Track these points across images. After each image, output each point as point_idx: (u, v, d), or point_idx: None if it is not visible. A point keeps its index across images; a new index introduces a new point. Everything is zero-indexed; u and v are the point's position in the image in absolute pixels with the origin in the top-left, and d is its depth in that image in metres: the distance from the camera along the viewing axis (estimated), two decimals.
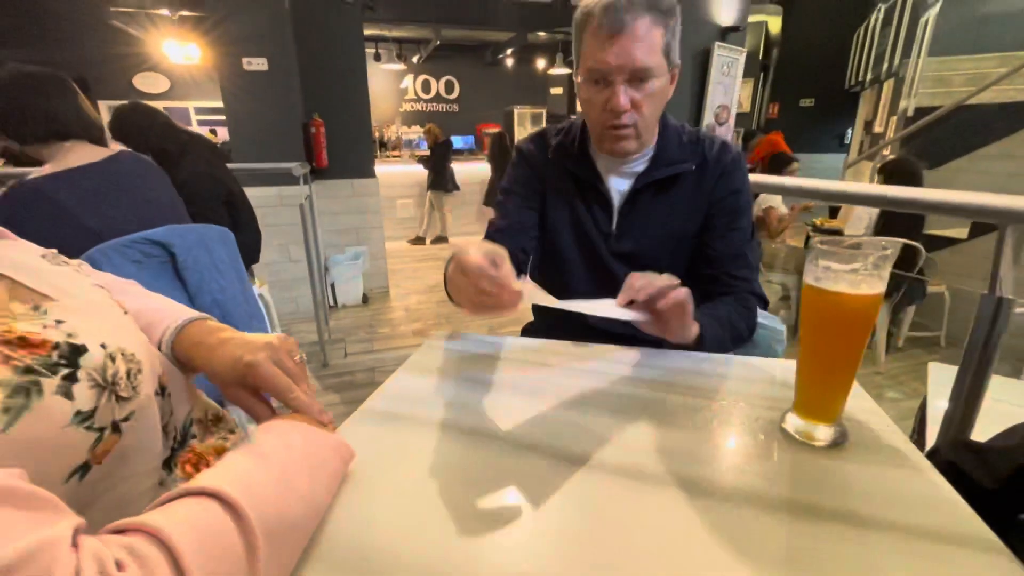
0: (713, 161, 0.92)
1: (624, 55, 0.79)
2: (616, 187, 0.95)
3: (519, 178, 1.01)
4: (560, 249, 0.98)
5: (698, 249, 0.94)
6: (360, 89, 3.86)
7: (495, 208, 1.02)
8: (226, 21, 3.13)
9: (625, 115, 0.83)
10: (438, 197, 6.13)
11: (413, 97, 8.77)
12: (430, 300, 4.11)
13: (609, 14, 0.78)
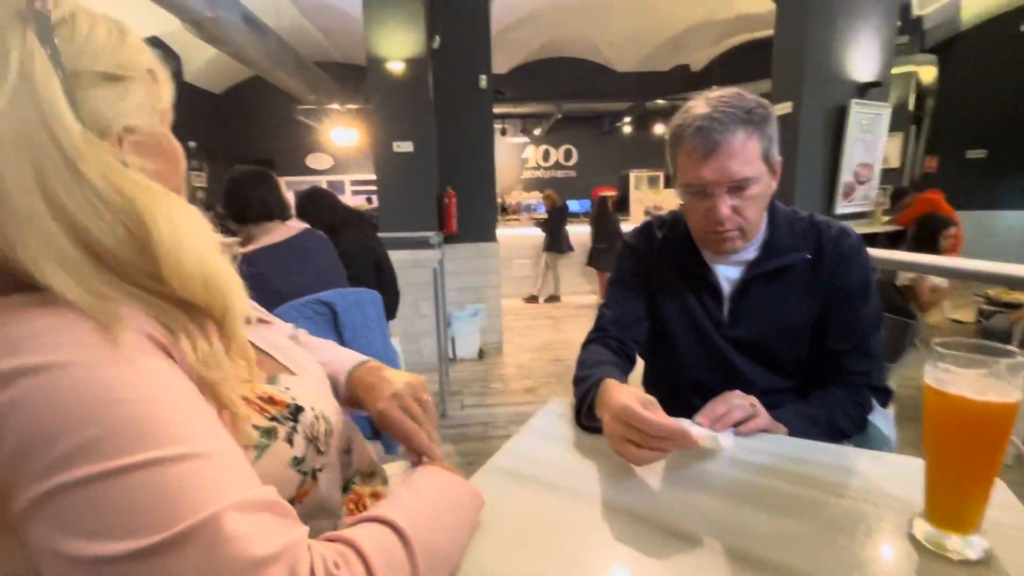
0: (830, 249, 0.90)
1: (721, 171, 0.82)
2: (725, 275, 0.96)
3: (628, 270, 1.05)
4: (672, 337, 1.00)
5: (815, 337, 0.92)
6: (487, 162, 4.28)
7: (606, 299, 1.06)
8: (382, 111, 3.73)
9: (727, 222, 0.85)
10: (553, 258, 6.37)
11: (534, 165, 9.38)
12: (541, 358, 4.21)
13: (701, 136, 0.82)
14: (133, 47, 0.46)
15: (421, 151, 3.73)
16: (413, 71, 3.60)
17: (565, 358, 4.18)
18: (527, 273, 6.64)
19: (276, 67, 6.10)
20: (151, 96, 0.47)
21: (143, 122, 0.45)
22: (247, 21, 5.17)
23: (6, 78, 0.35)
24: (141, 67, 0.46)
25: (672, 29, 7.47)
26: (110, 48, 0.43)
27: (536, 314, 5.87)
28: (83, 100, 0.39)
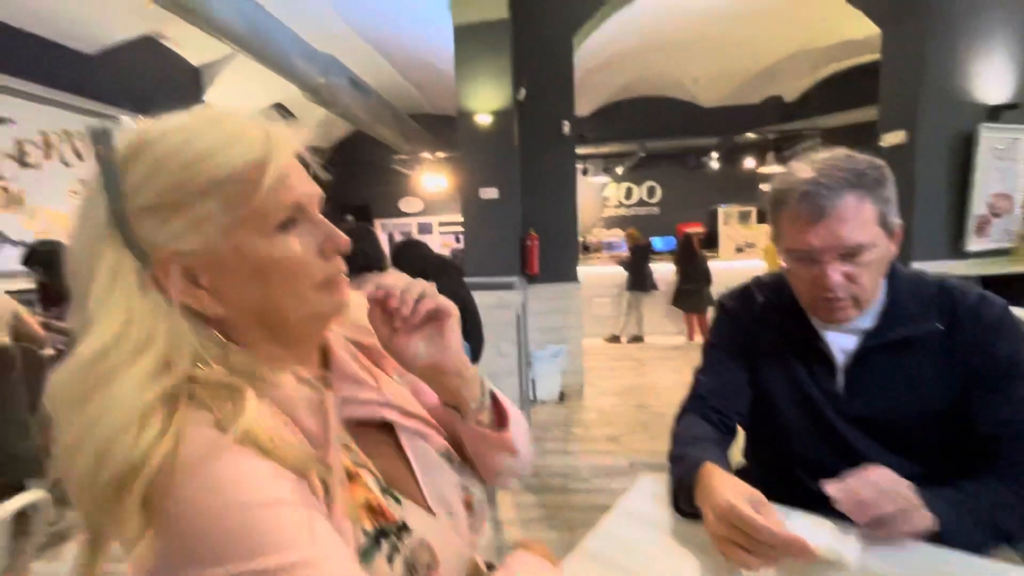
0: (969, 320, 0.79)
1: (829, 237, 0.75)
2: (838, 344, 0.86)
3: (726, 334, 0.98)
4: (779, 411, 0.91)
5: (956, 420, 0.79)
6: (569, 204, 4.32)
7: (702, 365, 0.99)
8: (469, 160, 3.93)
9: (838, 290, 0.78)
10: (636, 297, 6.20)
11: (615, 203, 9.31)
12: (624, 404, 4.04)
13: (807, 201, 0.76)
14: (203, 156, 0.42)
15: (505, 196, 3.85)
16: (499, 122, 3.77)
17: (650, 405, 3.98)
18: (608, 312, 6.51)
19: (376, 122, 6.69)
20: (228, 204, 0.42)
21: (199, 242, 0.42)
22: (353, 84, 5.76)
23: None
24: (212, 177, 0.42)
25: (763, 61, 7.20)
26: (166, 173, 0.42)
27: (618, 355, 5.69)
28: (137, 230, 0.41)
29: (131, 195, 0.41)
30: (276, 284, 0.45)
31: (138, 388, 0.38)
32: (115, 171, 0.41)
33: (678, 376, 4.79)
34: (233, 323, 0.46)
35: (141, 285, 0.41)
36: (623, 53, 6.54)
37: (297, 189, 0.46)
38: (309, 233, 0.48)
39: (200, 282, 0.44)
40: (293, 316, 0.47)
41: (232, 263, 0.44)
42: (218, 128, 0.43)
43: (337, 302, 0.50)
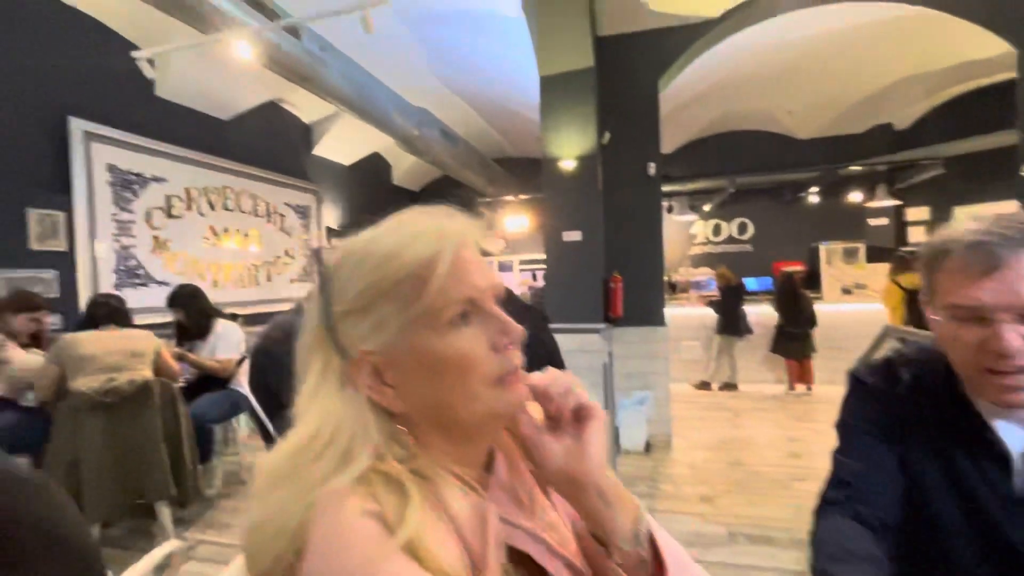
0: None
1: (1007, 293, 0.64)
2: (1012, 435, 0.72)
3: (868, 417, 0.83)
4: (936, 515, 0.76)
5: None
6: (655, 245, 4.21)
7: (842, 448, 0.85)
8: (553, 204, 3.98)
9: (1017, 357, 0.65)
10: (728, 341, 5.81)
11: (703, 240, 8.94)
12: (718, 459, 3.74)
13: (978, 251, 0.66)
14: (385, 259, 0.45)
15: (589, 239, 3.84)
16: (583, 166, 3.80)
17: (747, 462, 3.65)
18: (697, 356, 6.15)
19: (463, 167, 7.05)
20: (403, 303, 0.45)
21: (381, 342, 0.45)
22: (443, 134, 6.14)
23: None
24: (392, 279, 0.45)
25: (866, 89, 6.70)
26: (359, 278, 0.46)
27: (709, 403, 5.32)
28: (340, 332, 0.46)
29: (336, 300, 0.46)
30: (448, 381, 0.45)
31: (320, 480, 0.41)
32: (327, 281, 0.47)
33: (778, 430, 4.37)
34: (412, 420, 0.47)
35: (341, 383, 0.46)
36: (710, 89, 6.40)
37: (468, 283, 0.46)
38: (482, 326, 0.46)
39: (386, 379, 0.46)
40: (465, 414, 0.47)
41: (409, 361, 0.45)
42: (399, 230, 0.47)
43: (512, 400, 0.48)
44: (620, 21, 3.95)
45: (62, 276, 3.99)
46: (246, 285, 5.99)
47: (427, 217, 0.49)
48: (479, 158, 7.46)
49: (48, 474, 2.09)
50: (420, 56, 5.66)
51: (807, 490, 3.12)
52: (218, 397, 3.03)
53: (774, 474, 3.42)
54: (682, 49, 3.98)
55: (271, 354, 2.06)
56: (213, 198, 5.52)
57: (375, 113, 4.91)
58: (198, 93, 5.21)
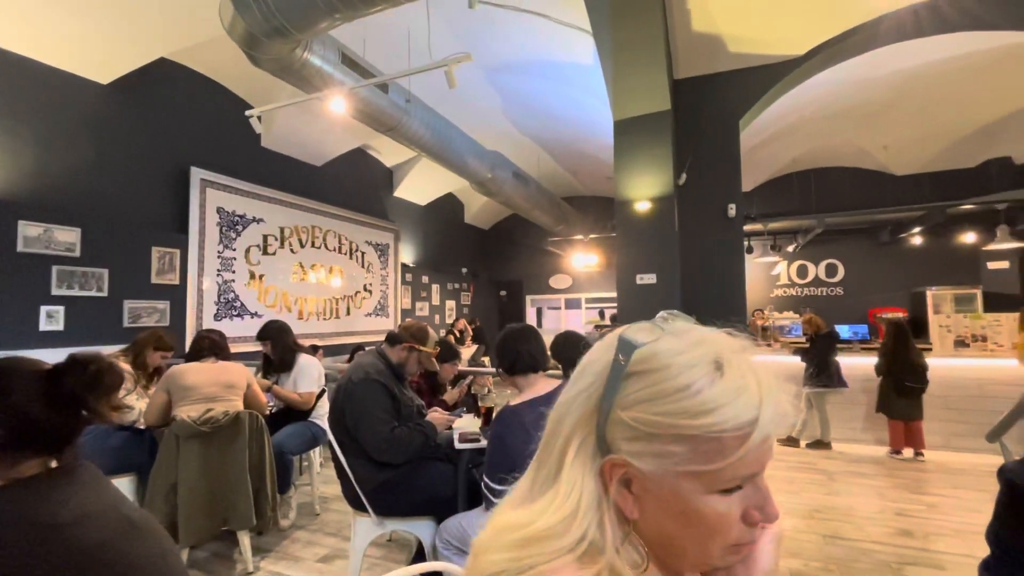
0: None
1: None
2: None
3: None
4: None
5: None
6: (737, 289, 3.99)
7: (994, 569, 0.73)
8: (627, 246, 3.90)
9: None
10: (819, 395, 5.30)
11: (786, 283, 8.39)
12: (811, 530, 3.34)
13: None
14: (696, 413, 0.43)
15: (664, 282, 3.71)
16: (658, 208, 3.72)
17: (848, 538, 3.23)
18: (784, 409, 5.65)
19: (533, 207, 7.16)
20: (695, 456, 0.44)
21: (648, 468, 0.45)
22: (515, 176, 6.30)
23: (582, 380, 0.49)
24: (695, 433, 0.43)
25: (975, 121, 6.11)
26: (658, 409, 0.44)
27: (798, 463, 4.83)
28: (609, 429, 0.47)
29: (620, 402, 0.46)
30: (692, 532, 0.46)
31: (559, 554, 0.44)
32: (619, 378, 0.46)
33: (884, 502, 3.86)
34: (637, 530, 0.48)
35: (593, 467, 0.47)
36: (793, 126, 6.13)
37: (760, 462, 0.45)
38: (743, 496, 0.46)
39: (631, 488, 0.47)
40: (688, 559, 0.48)
41: (666, 497, 0.45)
42: (722, 383, 0.44)
43: (734, 562, 0.48)
44: (698, 64, 3.92)
45: (173, 307, 4.44)
46: (327, 317, 6.35)
47: (745, 360, 0.46)
48: (549, 197, 7.55)
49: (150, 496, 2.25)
50: (495, 103, 5.91)
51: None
52: (298, 429, 3.16)
53: (880, 554, 3.00)
54: (764, 89, 3.86)
55: (351, 395, 2.13)
56: (303, 236, 5.97)
57: (452, 158, 5.15)
58: (296, 143, 5.74)
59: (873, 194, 7.35)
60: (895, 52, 4.10)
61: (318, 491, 3.51)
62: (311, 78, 3.33)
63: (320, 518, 3.35)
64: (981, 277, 7.02)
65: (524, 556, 0.44)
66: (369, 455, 2.08)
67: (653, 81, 3.45)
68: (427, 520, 2.14)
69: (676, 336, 0.47)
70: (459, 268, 9.56)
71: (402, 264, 7.81)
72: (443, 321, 8.80)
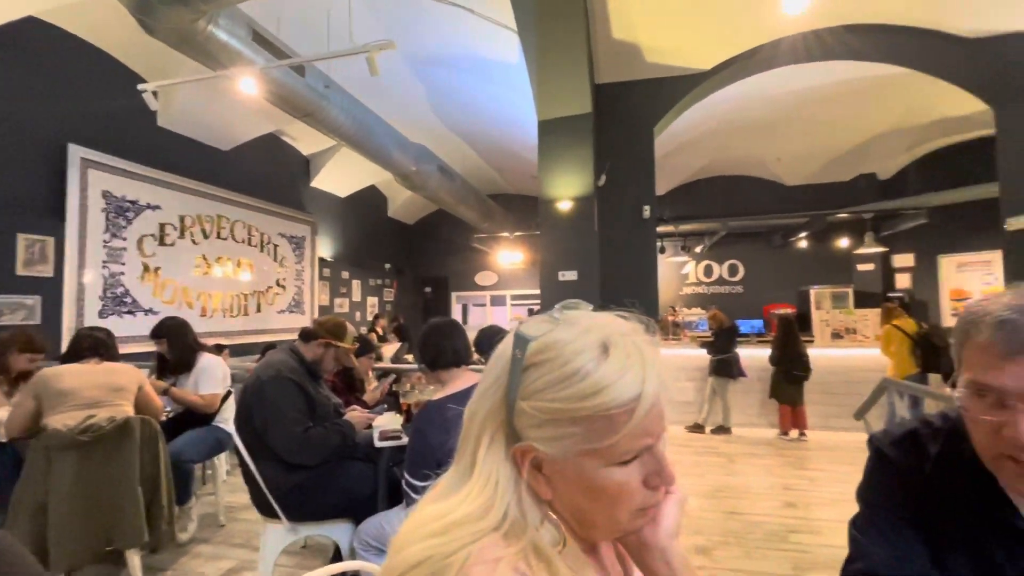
0: None
1: None
2: None
3: (892, 497, 0.78)
4: None
5: None
6: (651, 287, 4.23)
7: (861, 527, 0.80)
8: (550, 244, 4.00)
9: None
10: (721, 384, 5.77)
11: (695, 281, 9.03)
12: (713, 508, 3.64)
13: (1005, 330, 0.63)
14: (586, 395, 0.46)
15: (584, 279, 3.85)
16: (580, 208, 3.85)
17: (743, 512, 3.56)
18: (689, 398, 6.09)
19: (459, 203, 7.12)
20: (589, 435, 0.47)
21: (552, 451, 0.48)
22: (441, 170, 6.22)
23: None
24: (586, 414, 0.46)
25: (852, 140, 6.96)
26: (554, 397, 0.47)
27: (702, 448, 5.23)
28: (517, 418, 0.49)
29: (522, 394, 0.48)
30: (599, 504, 0.49)
31: (479, 536, 0.45)
32: (519, 371, 0.49)
33: (773, 478, 4.29)
34: (552, 508, 0.51)
35: (506, 456, 0.49)
36: (703, 136, 6.60)
37: (652, 432, 0.49)
38: (642, 464, 0.49)
39: (542, 470, 0.49)
40: (601, 528, 0.51)
41: (572, 475, 0.48)
42: (607, 364, 0.47)
43: (641, 525, 0.52)
44: (617, 70, 4.10)
45: (45, 302, 3.90)
46: (235, 314, 5.90)
47: (630, 340, 0.49)
48: (475, 194, 7.55)
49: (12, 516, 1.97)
50: (420, 95, 5.80)
51: (805, 543, 3.03)
52: (200, 434, 2.91)
53: (770, 525, 3.33)
54: (676, 98, 4.12)
55: (260, 394, 2.00)
56: (207, 226, 5.49)
57: (374, 148, 4.98)
58: (200, 124, 5.26)
59: (768, 201, 8.12)
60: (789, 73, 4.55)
61: (224, 500, 3.25)
62: (216, 54, 3.07)
63: (226, 529, 3.12)
64: (853, 277, 8.01)
65: (449, 540, 0.45)
66: (281, 458, 1.97)
67: (575, 84, 3.56)
68: (345, 522, 2.06)
69: (568, 325, 0.50)
70: (382, 263, 9.29)
71: (320, 258, 7.44)
72: (364, 318, 8.51)
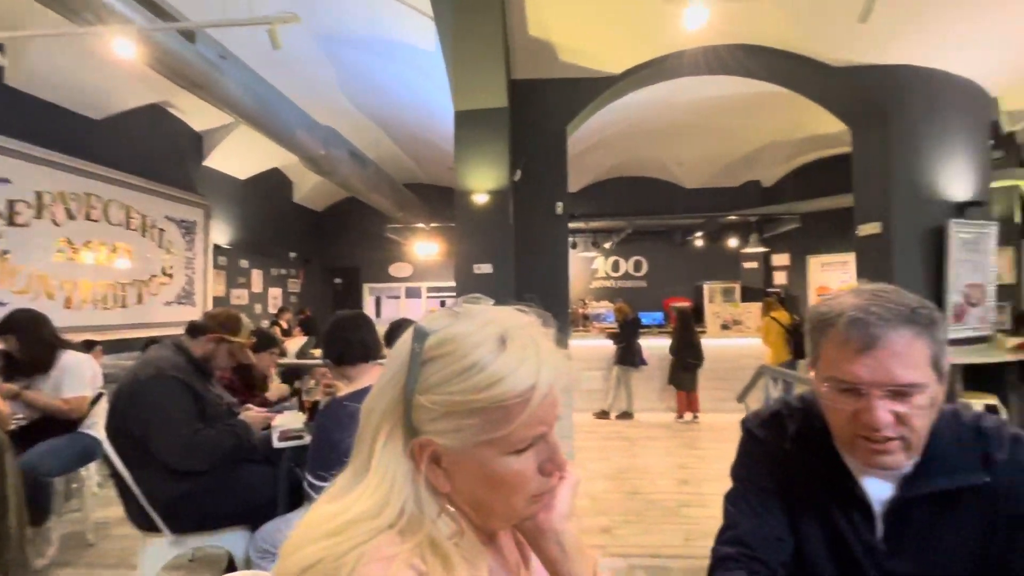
0: (1006, 464, 0.74)
1: (880, 370, 0.69)
2: (875, 492, 0.79)
3: (759, 472, 0.88)
4: (814, 563, 0.82)
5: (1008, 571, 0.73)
6: (562, 281, 4.38)
7: (734, 500, 0.89)
8: (465, 237, 3.99)
9: (886, 430, 0.70)
10: (625, 372, 6.14)
11: (603, 276, 9.49)
12: (616, 489, 3.88)
13: (857, 327, 0.71)
14: (482, 387, 0.47)
15: (500, 272, 3.89)
16: (495, 201, 3.88)
17: (643, 491, 3.83)
18: (597, 386, 6.41)
19: (372, 190, 6.85)
20: (486, 426, 0.47)
21: (450, 444, 0.48)
22: (352, 155, 5.94)
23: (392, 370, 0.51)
24: (483, 405, 0.47)
25: (743, 149, 7.68)
26: (450, 389, 0.47)
27: (608, 433, 5.54)
28: (415, 413, 0.49)
29: (420, 389, 0.48)
30: (497, 493, 0.50)
31: (374, 534, 0.45)
32: (417, 365, 0.49)
33: (670, 458, 4.66)
34: (451, 500, 0.51)
35: (404, 451, 0.49)
36: (613, 137, 6.92)
37: (546, 421, 0.50)
38: (537, 451, 0.51)
39: (441, 463, 0.50)
40: (499, 517, 0.53)
41: (470, 466, 0.49)
42: (504, 356, 0.48)
43: (537, 511, 0.53)
44: (533, 67, 4.16)
45: None
46: (110, 306, 5.22)
47: (527, 333, 0.51)
48: (389, 182, 7.31)
49: None
50: (330, 76, 5.48)
51: (694, 515, 3.34)
52: (62, 443, 2.54)
53: (666, 502, 3.62)
54: (589, 99, 4.28)
55: (138, 396, 1.80)
56: (73, 206, 4.80)
57: (277, 128, 4.63)
58: (63, 86, 4.56)
59: (670, 202, 8.72)
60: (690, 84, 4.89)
61: (93, 516, 2.89)
62: (80, 9, 2.67)
63: (96, 548, 2.78)
64: (739, 274, 8.88)
65: (342, 540, 0.44)
66: (165, 465, 1.79)
67: (491, 78, 3.56)
68: (240, 530, 1.92)
69: (468, 319, 0.51)
70: (287, 252, 8.70)
71: (215, 245, 6.80)
72: (266, 311, 7.94)
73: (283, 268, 8.56)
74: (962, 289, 4.34)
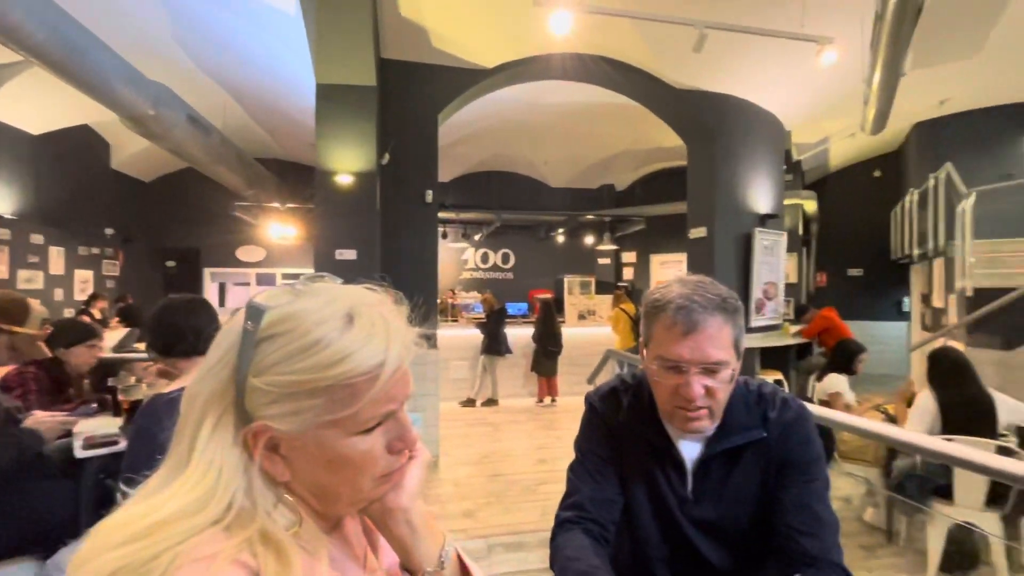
0: (776, 420, 0.91)
1: (699, 351, 0.82)
2: (687, 452, 0.94)
3: (599, 440, 1.00)
4: (638, 516, 0.95)
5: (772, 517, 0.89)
6: (431, 268, 4.34)
7: (576, 469, 0.99)
8: (327, 220, 3.74)
9: (699, 400, 0.84)
10: (491, 361, 6.32)
11: (473, 267, 9.62)
12: (480, 474, 3.99)
13: (683, 314, 0.83)
14: (325, 365, 0.44)
15: (365, 258, 3.72)
16: (361, 184, 3.69)
17: (504, 473, 4.00)
18: (464, 375, 6.51)
19: (216, 162, 6.04)
20: (331, 406, 0.45)
21: (290, 427, 0.45)
22: (191, 120, 5.17)
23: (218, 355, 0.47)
24: (328, 384, 0.44)
25: (600, 154, 8.35)
26: (290, 369, 0.44)
27: (473, 420, 5.67)
28: (247, 397, 0.45)
29: (255, 370, 0.44)
30: (342, 476, 0.48)
31: (197, 530, 0.41)
32: (251, 345, 0.45)
33: (531, 440, 4.92)
34: (291, 488, 0.48)
35: (235, 440, 0.45)
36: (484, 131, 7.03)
37: (396, 398, 0.48)
38: (385, 429, 0.49)
39: (279, 450, 0.47)
40: (345, 501, 0.50)
41: (312, 450, 0.46)
42: (351, 333, 0.45)
43: (386, 491, 0.52)
44: (405, 48, 4.03)
45: None
46: None
47: (376, 310, 0.48)
48: (238, 154, 6.51)
49: None
50: (163, 23, 4.70)
51: (551, 491, 3.58)
52: None
53: (525, 481, 3.82)
54: (460, 89, 4.28)
55: None
56: None
57: (88, 77, 3.83)
58: None
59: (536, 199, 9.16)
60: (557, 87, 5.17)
61: None
62: None
63: None
64: (595, 269, 9.69)
65: (151, 543, 0.39)
66: None
67: (359, 52, 3.37)
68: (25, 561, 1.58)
69: (312, 296, 0.48)
70: (101, 228, 7.28)
71: None
72: (71, 298, 6.58)
73: (95, 247, 7.16)
74: (762, 285, 5.28)
